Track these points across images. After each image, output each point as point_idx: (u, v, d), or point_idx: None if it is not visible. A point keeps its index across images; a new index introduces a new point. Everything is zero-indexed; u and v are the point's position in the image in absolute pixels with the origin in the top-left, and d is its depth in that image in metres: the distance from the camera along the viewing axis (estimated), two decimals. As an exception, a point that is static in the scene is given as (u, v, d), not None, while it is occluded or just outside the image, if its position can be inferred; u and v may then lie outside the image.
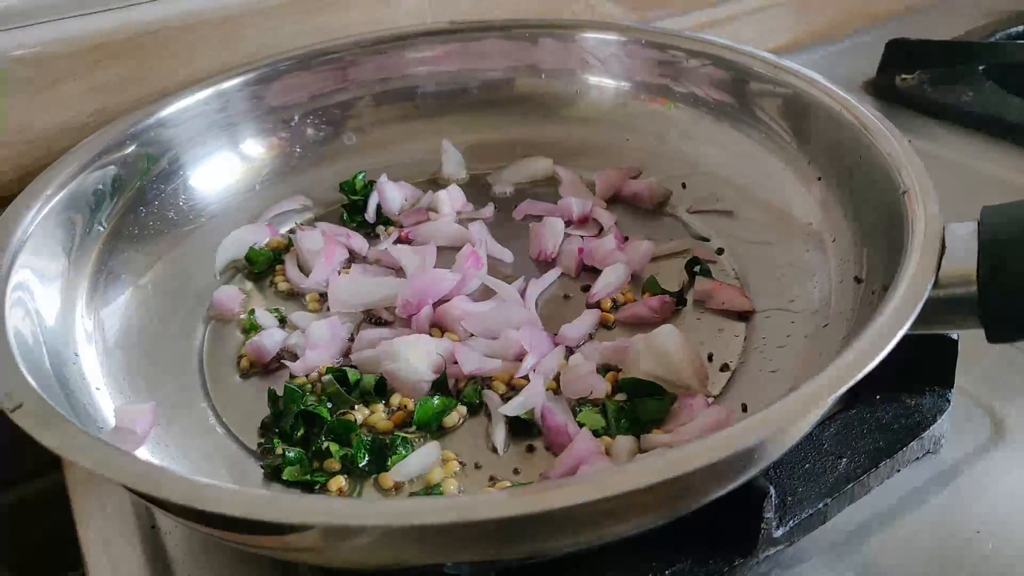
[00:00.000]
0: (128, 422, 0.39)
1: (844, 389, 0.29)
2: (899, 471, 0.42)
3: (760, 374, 0.43)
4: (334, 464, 0.39)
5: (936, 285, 0.34)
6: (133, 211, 0.48)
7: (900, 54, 0.75)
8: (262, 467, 0.39)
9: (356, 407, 0.42)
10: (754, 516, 0.36)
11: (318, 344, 0.44)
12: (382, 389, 0.43)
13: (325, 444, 0.39)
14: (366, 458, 0.39)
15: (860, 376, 0.30)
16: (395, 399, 0.42)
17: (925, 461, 0.42)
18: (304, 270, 0.51)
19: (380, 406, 0.42)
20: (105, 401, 0.40)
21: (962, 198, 0.41)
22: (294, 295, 0.50)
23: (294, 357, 0.45)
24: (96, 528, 0.41)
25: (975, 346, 0.43)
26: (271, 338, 0.45)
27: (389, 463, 0.39)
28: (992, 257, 0.33)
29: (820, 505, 0.39)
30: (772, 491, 0.36)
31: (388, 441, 0.40)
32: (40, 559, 0.61)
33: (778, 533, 0.38)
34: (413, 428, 0.41)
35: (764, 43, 0.85)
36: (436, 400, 0.41)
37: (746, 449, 0.28)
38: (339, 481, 0.39)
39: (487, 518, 0.26)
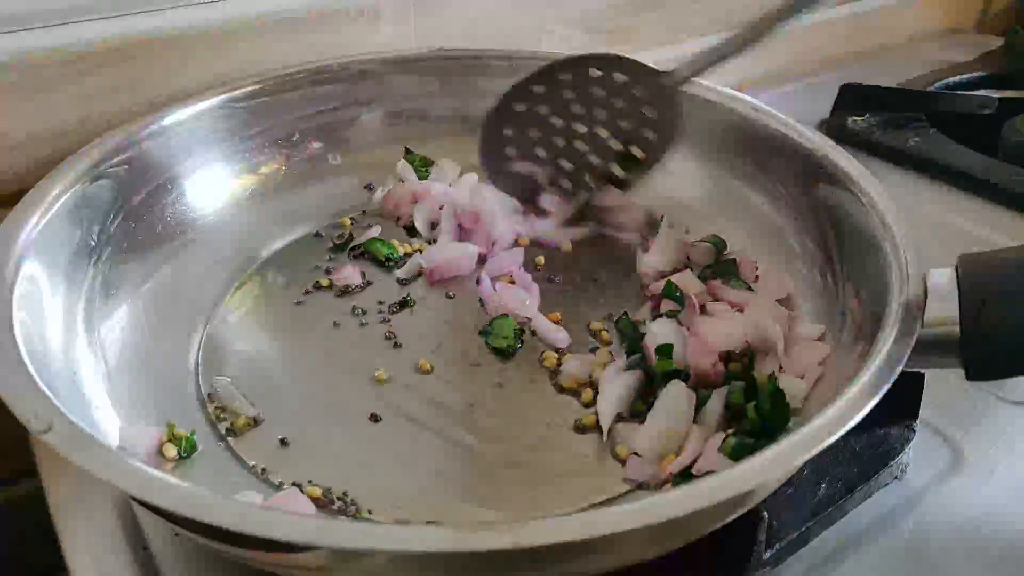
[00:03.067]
0: (131, 444, 0.39)
1: (851, 425, 0.32)
2: (871, 496, 0.45)
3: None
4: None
5: (921, 326, 0.37)
6: (129, 223, 0.48)
7: (853, 98, 0.80)
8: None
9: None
10: (748, 540, 0.38)
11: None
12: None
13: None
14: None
15: (863, 415, 0.32)
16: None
17: (892, 487, 0.45)
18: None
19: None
20: (105, 420, 0.40)
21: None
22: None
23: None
24: (85, 549, 0.40)
25: (933, 379, 0.47)
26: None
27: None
28: (973, 303, 0.36)
29: (803, 528, 0.42)
30: (766, 516, 0.38)
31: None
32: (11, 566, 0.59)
33: (766, 555, 0.40)
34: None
35: (721, 81, 0.89)
36: None
37: (763, 483, 0.30)
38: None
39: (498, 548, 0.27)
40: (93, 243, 0.46)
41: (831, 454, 0.44)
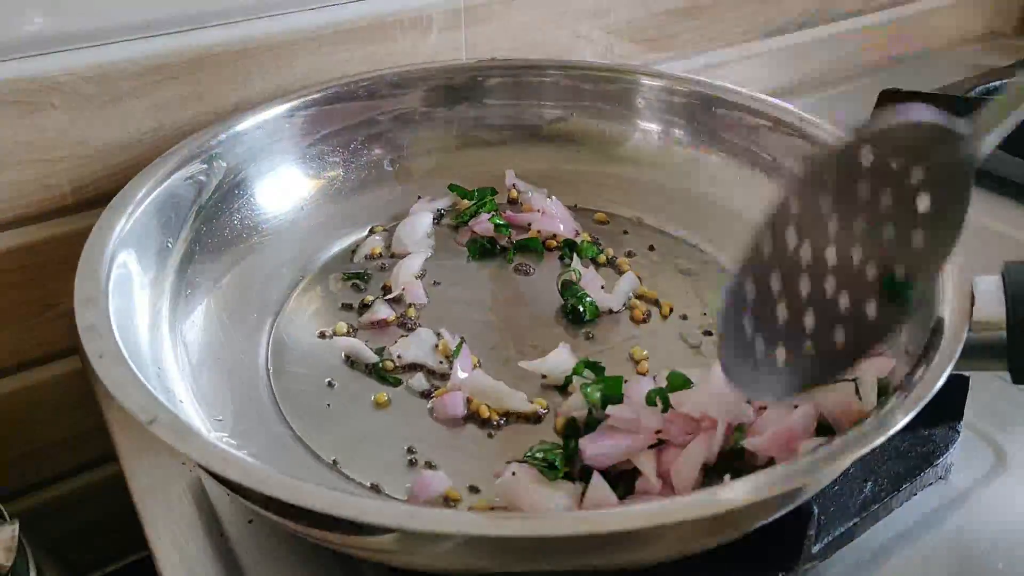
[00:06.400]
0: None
1: (900, 427, 0.33)
2: (916, 495, 0.46)
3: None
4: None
5: (968, 330, 0.38)
6: (203, 225, 0.51)
7: (892, 103, 0.80)
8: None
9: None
10: (798, 534, 0.40)
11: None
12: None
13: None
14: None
15: (912, 416, 0.34)
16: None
17: (937, 486, 0.47)
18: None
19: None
20: (189, 414, 0.42)
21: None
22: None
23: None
24: (166, 534, 0.43)
25: (977, 382, 0.48)
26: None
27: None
28: (1020, 309, 0.38)
29: (850, 524, 0.43)
30: (816, 511, 0.40)
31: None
32: (86, 550, 0.62)
33: (815, 549, 0.41)
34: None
35: (761, 87, 0.90)
36: None
37: (815, 480, 0.31)
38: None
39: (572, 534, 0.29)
40: (171, 244, 0.48)
41: (878, 453, 0.46)
